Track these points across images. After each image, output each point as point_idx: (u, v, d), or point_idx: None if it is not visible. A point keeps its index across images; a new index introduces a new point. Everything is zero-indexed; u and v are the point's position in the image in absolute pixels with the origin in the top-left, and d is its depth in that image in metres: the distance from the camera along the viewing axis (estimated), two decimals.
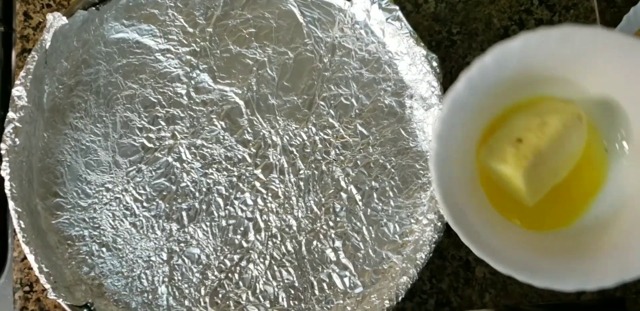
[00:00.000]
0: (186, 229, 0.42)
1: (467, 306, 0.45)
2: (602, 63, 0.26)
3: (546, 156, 0.26)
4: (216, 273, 0.42)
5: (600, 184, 0.29)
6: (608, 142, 0.29)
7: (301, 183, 0.43)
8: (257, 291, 0.41)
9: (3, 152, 0.40)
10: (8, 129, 0.41)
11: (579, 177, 0.29)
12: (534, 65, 0.27)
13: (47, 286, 0.38)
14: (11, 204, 0.40)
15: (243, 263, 0.42)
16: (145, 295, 0.41)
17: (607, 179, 0.29)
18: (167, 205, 0.43)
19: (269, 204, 0.43)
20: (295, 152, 0.44)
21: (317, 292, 0.41)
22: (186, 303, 0.41)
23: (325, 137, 0.44)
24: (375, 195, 0.43)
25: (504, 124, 0.29)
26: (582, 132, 0.28)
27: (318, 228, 0.43)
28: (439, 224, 0.41)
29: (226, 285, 0.42)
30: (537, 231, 0.29)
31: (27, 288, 0.43)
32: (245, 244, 0.42)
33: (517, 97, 0.30)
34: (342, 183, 0.43)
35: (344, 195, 0.43)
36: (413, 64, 0.44)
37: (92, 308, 0.40)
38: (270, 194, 0.43)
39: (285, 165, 0.44)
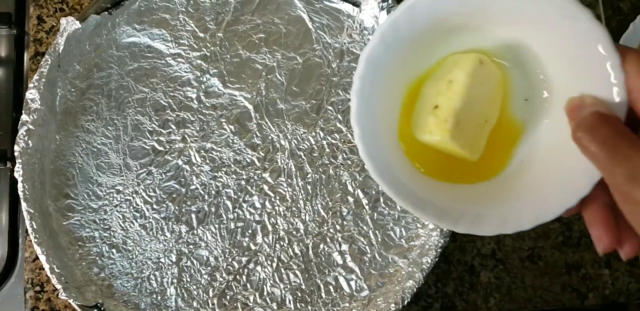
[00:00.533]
0: (195, 232, 0.43)
1: (472, 310, 0.45)
2: (511, 7, 0.26)
3: (465, 111, 0.27)
4: (224, 275, 0.42)
5: (521, 131, 0.29)
6: (532, 89, 0.29)
7: (309, 187, 0.44)
8: (265, 293, 0.42)
9: (16, 154, 0.41)
10: (21, 131, 0.41)
11: (503, 127, 0.29)
12: (445, 14, 0.27)
13: (59, 286, 0.39)
14: (24, 205, 0.40)
15: (251, 266, 0.42)
16: (154, 296, 0.42)
17: (529, 126, 0.29)
18: (176, 207, 0.43)
19: (276, 208, 0.44)
20: (303, 157, 0.44)
21: (323, 295, 0.42)
22: (194, 304, 0.42)
23: (333, 141, 0.45)
24: (381, 199, 0.44)
25: (420, 97, 0.29)
26: (491, 74, 0.28)
27: (325, 232, 0.43)
28: (445, 229, 0.41)
29: (234, 287, 0.42)
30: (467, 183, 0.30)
31: (38, 288, 0.44)
32: (253, 247, 0.43)
33: (434, 52, 0.30)
34: (349, 187, 0.44)
35: (350, 199, 0.44)
36: None
37: (102, 309, 0.40)
38: (278, 197, 0.44)
39: (293, 169, 0.44)
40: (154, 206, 0.43)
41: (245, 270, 0.42)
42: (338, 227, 0.43)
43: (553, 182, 0.26)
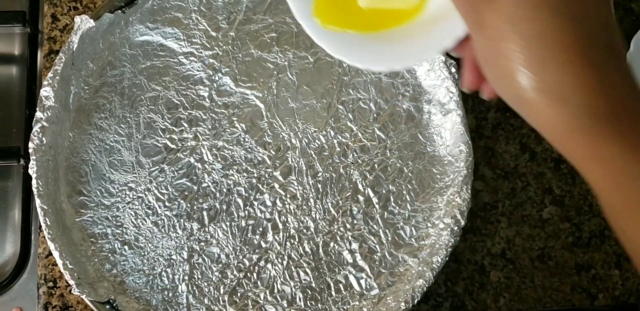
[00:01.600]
0: (206, 229, 0.43)
1: (481, 309, 0.45)
2: None
3: None
4: (235, 272, 0.42)
5: None
6: None
7: (319, 185, 0.44)
8: (275, 291, 0.42)
9: (30, 151, 0.41)
10: (35, 128, 0.42)
11: None
12: None
13: (72, 282, 0.39)
14: (37, 202, 0.41)
15: (262, 263, 0.43)
16: (166, 292, 0.42)
17: None
18: (188, 205, 0.44)
19: (287, 206, 0.44)
20: (313, 155, 0.45)
21: (333, 293, 0.42)
22: (205, 301, 0.42)
23: (344, 140, 0.45)
24: (392, 198, 0.44)
25: None
26: None
27: (335, 230, 0.43)
28: (456, 228, 0.41)
29: (245, 284, 0.42)
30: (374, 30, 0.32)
31: (51, 284, 0.44)
32: (263, 245, 0.43)
33: None
34: (360, 186, 0.44)
35: (361, 198, 0.44)
36: (432, 69, 0.45)
37: (114, 305, 0.41)
38: (288, 195, 0.44)
39: (304, 167, 0.44)
40: (166, 204, 0.44)
41: (256, 268, 0.43)
42: (348, 226, 0.43)
43: (441, 26, 0.28)
